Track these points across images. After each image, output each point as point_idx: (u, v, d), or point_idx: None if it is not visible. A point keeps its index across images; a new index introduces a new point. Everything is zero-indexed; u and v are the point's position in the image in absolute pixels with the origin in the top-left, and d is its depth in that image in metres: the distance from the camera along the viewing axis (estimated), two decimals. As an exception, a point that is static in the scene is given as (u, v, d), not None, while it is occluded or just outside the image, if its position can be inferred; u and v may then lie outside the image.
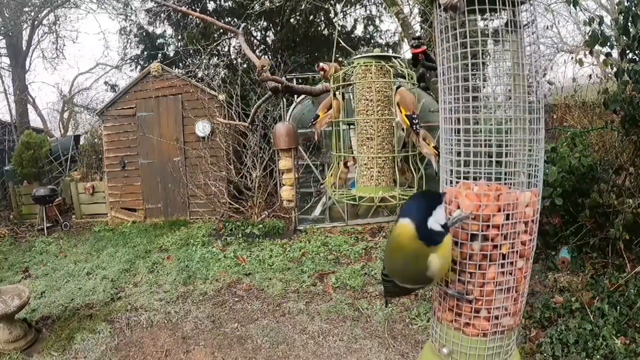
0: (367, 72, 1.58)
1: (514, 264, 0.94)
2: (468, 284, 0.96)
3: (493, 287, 0.94)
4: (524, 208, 0.94)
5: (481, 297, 0.95)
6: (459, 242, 0.95)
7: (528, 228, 0.95)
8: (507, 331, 0.98)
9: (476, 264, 0.94)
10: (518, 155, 0.97)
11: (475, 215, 0.93)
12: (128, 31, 9.94)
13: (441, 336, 1.03)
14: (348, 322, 3.30)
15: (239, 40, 1.98)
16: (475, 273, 0.94)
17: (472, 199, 0.94)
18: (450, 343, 1.00)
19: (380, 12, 9.42)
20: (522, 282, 0.97)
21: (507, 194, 0.93)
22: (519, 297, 0.98)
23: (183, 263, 4.67)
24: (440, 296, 1.03)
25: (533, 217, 0.96)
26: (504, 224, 0.92)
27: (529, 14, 0.97)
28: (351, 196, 1.65)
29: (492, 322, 0.96)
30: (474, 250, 0.94)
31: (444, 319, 1.02)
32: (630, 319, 2.72)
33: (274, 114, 6.25)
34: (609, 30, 3.45)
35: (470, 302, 0.96)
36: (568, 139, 3.77)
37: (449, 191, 0.99)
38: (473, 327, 0.97)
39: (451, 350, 1.00)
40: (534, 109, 0.96)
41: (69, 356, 3.08)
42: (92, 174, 7.63)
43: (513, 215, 0.92)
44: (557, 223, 3.83)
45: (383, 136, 1.58)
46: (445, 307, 1.01)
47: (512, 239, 0.93)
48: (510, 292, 0.95)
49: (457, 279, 0.97)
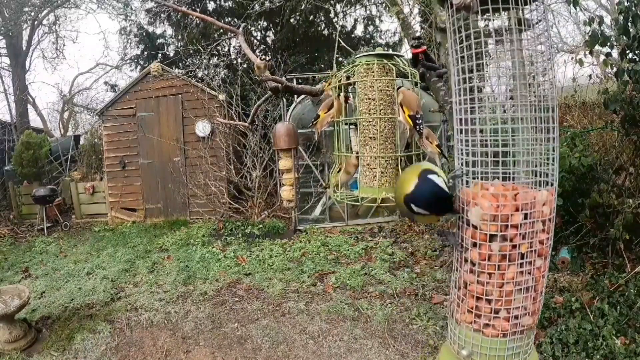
0: (369, 70, 1.56)
1: (532, 263, 0.94)
2: (487, 284, 0.95)
3: (512, 287, 0.94)
4: (541, 207, 0.94)
5: (500, 297, 0.94)
6: (478, 243, 0.95)
7: (545, 227, 0.95)
8: (526, 330, 0.98)
9: (495, 265, 0.94)
10: (530, 155, 0.97)
11: (493, 215, 0.92)
12: (128, 31, 9.94)
13: (460, 338, 1.03)
14: (348, 322, 3.30)
15: (239, 40, 1.99)
16: (494, 274, 0.94)
17: (489, 199, 0.94)
18: (470, 345, 1.00)
19: (380, 12, 9.42)
20: (540, 281, 0.97)
21: (525, 193, 0.93)
22: (538, 296, 0.98)
23: (183, 263, 4.67)
24: (459, 298, 1.03)
25: (550, 216, 0.96)
26: (523, 224, 0.91)
27: (539, 12, 0.96)
28: (353, 197, 1.63)
29: (511, 322, 0.96)
30: (493, 250, 0.93)
31: (462, 321, 1.01)
32: (630, 319, 2.72)
33: (274, 114, 6.24)
34: (609, 30, 3.45)
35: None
36: (568, 139, 3.76)
37: (465, 192, 0.99)
38: (493, 328, 0.97)
39: (471, 352, 0.99)
40: (549, 108, 0.96)
41: (69, 356, 3.07)
42: (92, 174, 7.63)
43: (531, 214, 0.92)
44: (557, 223, 3.82)
45: (386, 136, 1.56)
46: (464, 309, 1.01)
47: (531, 238, 0.93)
48: (529, 291, 0.95)
49: (476, 280, 0.97)
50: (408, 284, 3.82)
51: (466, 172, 0.99)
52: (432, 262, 4.30)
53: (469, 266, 0.98)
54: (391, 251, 4.58)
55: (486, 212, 0.93)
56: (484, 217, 0.93)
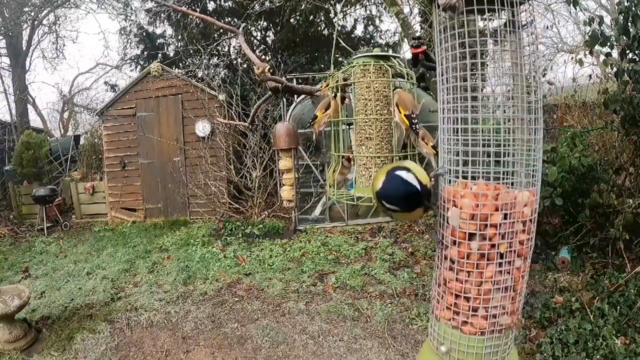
0: (365, 71, 1.57)
1: (512, 263, 0.95)
2: (466, 282, 0.96)
3: (491, 286, 0.94)
4: (522, 207, 0.94)
5: (479, 295, 0.95)
6: (457, 241, 0.95)
7: (526, 227, 0.96)
8: (504, 330, 0.99)
9: (474, 263, 0.94)
10: (517, 155, 0.97)
11: (472, 214, 0.93)
12: (128, 31, 9.94)
13: (439, 334, 1.04)
14: (348, 322, 3.30)
15: (239, 40, 1.98)
16: (473, 272, 0.95)
17: (469, 198, 0.94)
18: (449, 341, 1.01)
19: (380, 12, 9.42)
20: (519, 281, 0.97)
21: (506, 193, 0.94)
22: (517, 296, 0.98)
23: (183, 263, 4.67)
24: (439, 295, 1.03)
25: (531, 217, 0.96)
26: (502, 224, 0.92)
27: (528, 14, 0.97)
28: (350, 196, 1.64)
29: (489, 320, 0.96)
30: (472, 249, 0.94)
31: (442, 317, 1.02)
32: (630, 319, 2.72)
33: (274, 114, 6.25)
34: (609, 30, 3.45)
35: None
36: (568, 139, 3.77)
37: (447, 190, 0.99)
38: (471, 326, 0.97)
39: (449, 349, 1.00)
40: (533, 109, 0.97)
41: (69, 356, 3.07)
42: (92, 174, 7.64)
43: (511, 214, 0.93)
44: (557, 223, 3.83)
45: (382, 136, 1.57)
46: (443, 305, 1.01)
47: (510, 238, 0.93)
48: (508, 291, 0.96)
49: (455, 278, 0.97)
50: (408, 284, 3.82)
51: (448, 171, 1.00)
52: (432, 262, 4.30)
53: (449, 264, 0.99)
54: (391, 251, 4.58)
55: (465, 211, 0.93)
56: (462, 217, 0.94)
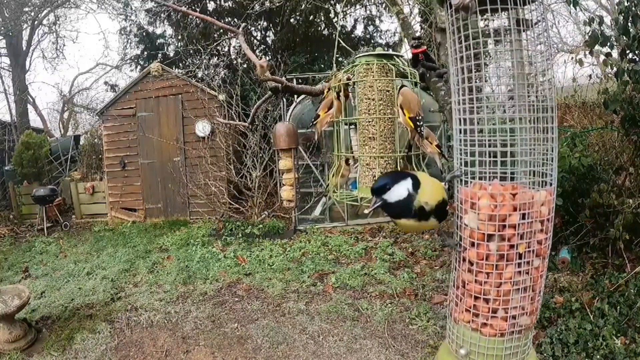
0: (368, 71, 1.56)
1: (530, 263, 0.94)
2: (485, 284, 0.95)
3: (510, 286, 0.94)
4: (539, 207, 0.94)
5: (498, 297, 0.94)
6: (476, 242, 0.95)
7: (544, 227, 0.95)
8: (524, 330, 0.98)
9: (493, 264, 0.94)
10: (529, 155, 0.97)
11: (491, 215, 0.92)
12: (128, 31, 9.93)
13: (458, 337, 1.03)
14: (348, 322, 3.30)
15: (239, 40, 1.98)
16: (492, 273, 0.94)
17: (487, 199, 0.94)
18: (468, 344, 1.00)
19: (380, 12, 9.42)
20: (538, 281, 0.97)
21: (523, 193, 0.93)
22: (536, 296, 0.98)
23: (183, 263, 4.67)
24: (457, 297, 1.03)
25: (549, 216, 0.96)
26: (520, 224, 0.91)
27: (538, 13, 0.96)
28: (353, 197, 1.64)
29: (509, 321, 0.96)
30: (491, 250, 0.94)
31: (460, 320, 1.01)
32: (630, 319, 2.72)
33: (274, 114, 6.24)
34: (609, 30, 3.44)
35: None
36: (568, 139, 3.77)
37: (463, 192, 0.99)
38: (490, 327, 0.97)
39: (469, 351, 1.00)
40: (548, 108, 0.96)
41: (69, 356, 3.07)
42: (92, 174, 7.63)
43: (529, 214, 0.92)
44: (557, 223, 3.83)
45: (385, 136, 1.56)
46: (462, 308, 1.01)
47: (529, 238, 0.93)
48: (527, 291, 0.95)
49: (474, 280, 0.97)
50: (408, 284, 3.82)
51: (465, 172, 0.99)
52: (432, 262, 4.30)
53: (467, 265, 0.98)
54: (391, 251, 4.58)
55: (483, 212, 0.93)
56: (480, 218, 0.93)
